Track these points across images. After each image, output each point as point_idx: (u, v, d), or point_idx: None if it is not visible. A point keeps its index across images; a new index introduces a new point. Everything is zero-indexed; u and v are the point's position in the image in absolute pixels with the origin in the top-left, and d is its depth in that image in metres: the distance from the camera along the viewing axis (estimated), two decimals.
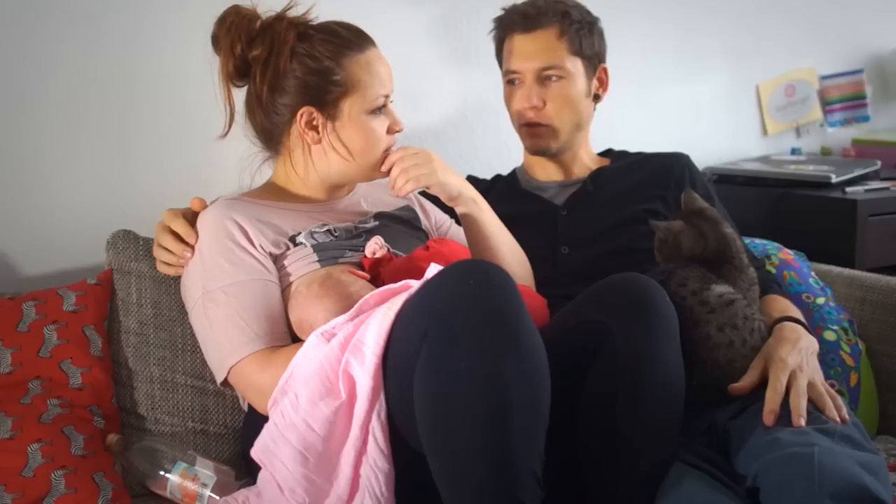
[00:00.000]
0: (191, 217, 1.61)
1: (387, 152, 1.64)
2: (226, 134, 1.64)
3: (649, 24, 2.46)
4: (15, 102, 1.81)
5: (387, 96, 1.62)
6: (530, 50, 1.86)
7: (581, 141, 1.95)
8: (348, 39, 1.60)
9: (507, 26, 1.90)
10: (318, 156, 1.63)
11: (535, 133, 1.89)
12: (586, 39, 1.87)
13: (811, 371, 1.47)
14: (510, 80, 1.90)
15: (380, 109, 1.62)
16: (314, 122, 1.60)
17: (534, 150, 1.93)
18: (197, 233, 1.58)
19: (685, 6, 2.53)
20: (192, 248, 1.58)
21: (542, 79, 1.85)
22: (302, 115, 1.60)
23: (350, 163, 1.62)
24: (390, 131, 1.64)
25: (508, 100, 1.92)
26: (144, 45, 1.90)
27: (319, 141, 1.61)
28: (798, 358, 1.47)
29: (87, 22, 1.85)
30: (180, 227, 1.58)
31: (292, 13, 1.62)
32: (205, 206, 1.62)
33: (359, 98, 1.59)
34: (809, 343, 1.53)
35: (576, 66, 1.86)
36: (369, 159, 1.62)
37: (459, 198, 1.65)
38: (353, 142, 1.61)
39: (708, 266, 1.55)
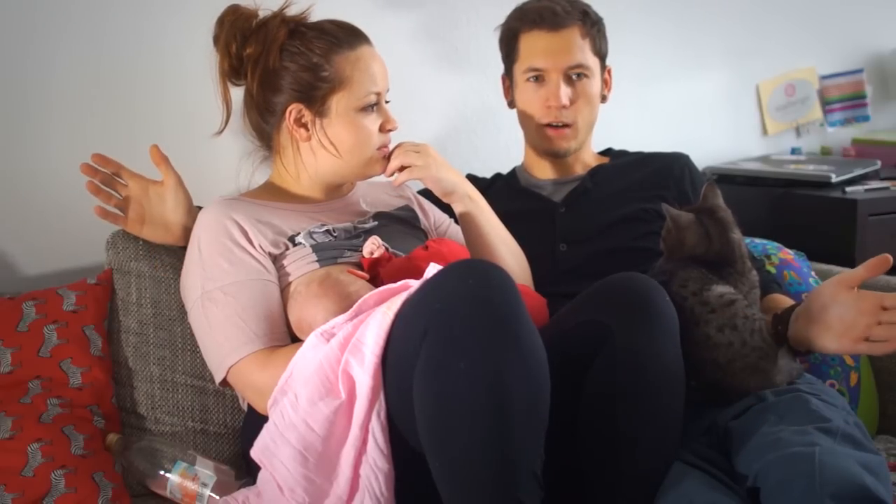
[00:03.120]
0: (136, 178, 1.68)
1: (381, 150, 1.63)
2: (221, 132, 1.65)
3: (649, 23, 2.45)
4: (15, 102, 1.81)
5: (379, 94, 1.62)
6: (558, 47, 1.83)
7: (588, 140, 1.95)
8: (339, 37, 1.60)
9: (528, 22, 1.85)
10: (307, 154, 1.63)
11: (560, 134, 1.87)
12: (602, 40, 1.88)
13: None
14: (534, 78, 1.86)
15: (371, 107, 1.61)
16: (303, 120, 1.61)
17: (556, 151, 1.90)
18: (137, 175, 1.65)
19: (685, 6, 2.53)
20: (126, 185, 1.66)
21: (569, 78, 1.85)
22: (291, 112, 1.60)
23: (339, 160, 1.62)
24: (383, 129, 1.63)
25: (529, 97, 1.88)
26: (145, 44, 1.90)
27: (309, 138, 1.61)
28: None
29: (87, 20, 1.85)
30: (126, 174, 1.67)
31: (291, 12, 1.62)
32: (160, 155, 1.66)
33: (348, 95, 1.59)
34: None
35: (596, 65, 1.87)
36: (359, 157, 1.62)
37: (454, 194, 1.65)
38: (341, 139, 1.61)
39: (708, 267, 1.55)
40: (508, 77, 1.95)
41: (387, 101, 1.65)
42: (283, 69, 1.60)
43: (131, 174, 1.68)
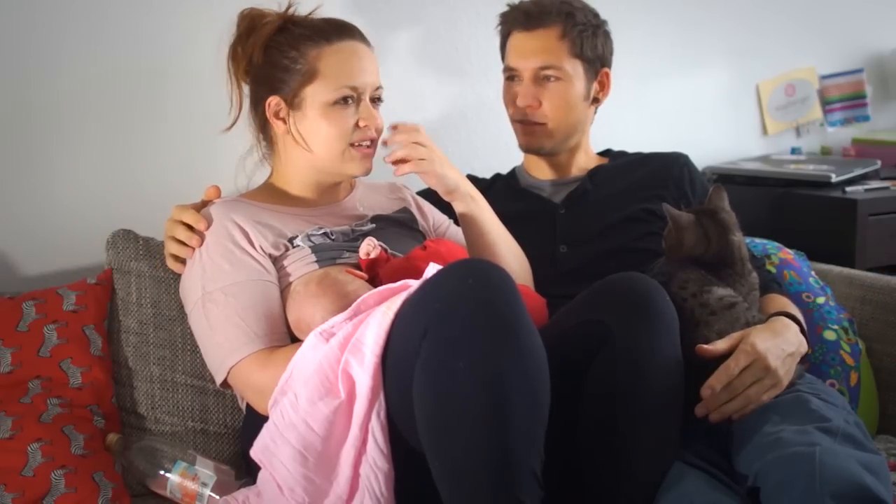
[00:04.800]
0: (199, 209, 1.61)
1: (357, 148, 1.61)
2: (230, 128, 1.66)
3: (649, 22, 2.45)
4: (16, 102, 1.81)
5: (356, 89, 1.59)
6: (530, 49, 1.85)
7: (579, 142, 1.94)
8: (322, 31, 1.60)
9: (510, 22, 1.89)
10: (291, 148, 1.64)
11: (529, 131, 1.89)
12: (588, 42, 1.86)
13: (778, 374, 1.46)
14: (509, 77, 1.90)
15: (346, 101, 1.59)
16: (281, 113, 1.62)
17: (526, 147, 1.92)
18: (207, 220, 1.58)
19: (685, 5, 2.52)
20: (203, 235, 1.57)
21: (540, 78, 1.85)
22: (270, 105, 1.62)
23: (311, 155, 1.62)
24: (358, 126, 1.60)
25: (506, 96, 1.92)
26: (145, 44, 1.90)
27: (287, 132, 1.62)
28: (774, 355, 1.46)
29: (88, 21, 1.85)
30: (191, 217, 1.58)
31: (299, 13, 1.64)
32: (219, 194, 1.65)
33: (319, 88, 1.59)
34: (793, 343, 1.52)
35: (575, 68, 1.85)
36: (330, 152, 1.61)
37: (456, 192, 1.64)
38: (311, 133, 1.60)
39: (708, 268, 1.55)
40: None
41: (378, 100, 1.64)
42: (265, 63, 1.62)
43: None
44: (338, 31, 1.61)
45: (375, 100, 1.64)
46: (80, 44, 1.84)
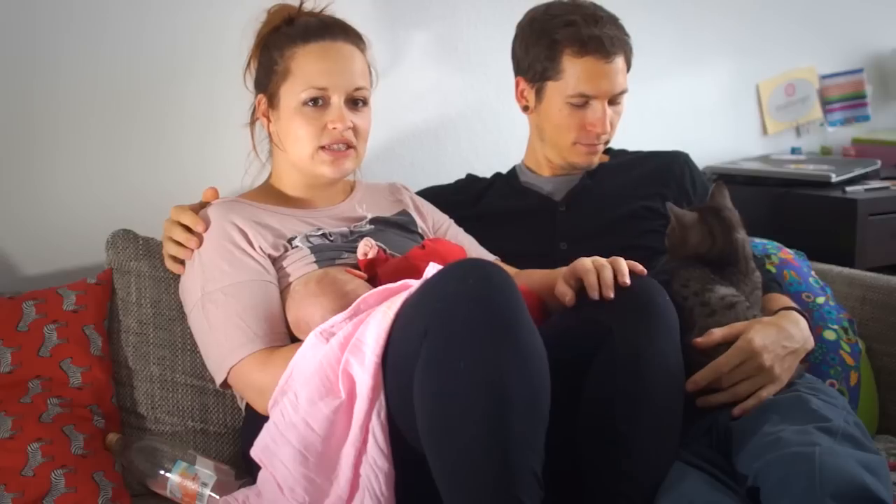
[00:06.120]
0: (197, 210, 1.61)
1: (327, 150, 1.60)
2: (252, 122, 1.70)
3: (649, 22, 2.45)
4: (17, 102, 1.81)
5: (325, 90, 1.59)
6: (611, 76, 1.81)
7: None
8: (303, 30, 1.61)
9: (580, 43, 1.79)
10: (273, 146, 1.67)
11: (594, 151, 1.87)
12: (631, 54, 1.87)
13: (773, 372, 1.47)
14: (578, 104, 1.82)
15: (315, 102, 1.59)
16: (266, 112, 1.64)
17: (582, 166, 1.89)
18: (205, 222, 1.58)
19: (685, 5, 2.53)
20: (201, 237, 1.57)
21: (613, 102, 1.84)
22: (260, 103, 1.65)
23: (287, 154, 1.64)
24: (327, 128, 1.59)
25: (566, 118, 1.83)
26: (147, 44, 1.89)
27: (269, 131, 1.66)
28: (771, 352, 1.46)
29: (89, 21, 1.84)
30: (189, 218, 1.59)
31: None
32: (217, 196, 1.65)
33: (290, 88, 1.60)
34: (798, 339, 1.52)
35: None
36: (300, 152, 1.61)
37: None
38: (285, 133, 1.62)
39: (711, 267, 1.55)
40: (532, 85, 1.87)
41: (359, 101, 1.62)
42: (259, 62, 1.65)
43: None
44: (317, 31, 1.61)
45: (355, 101, 1.62)
46: (80, 44, 1.84)
